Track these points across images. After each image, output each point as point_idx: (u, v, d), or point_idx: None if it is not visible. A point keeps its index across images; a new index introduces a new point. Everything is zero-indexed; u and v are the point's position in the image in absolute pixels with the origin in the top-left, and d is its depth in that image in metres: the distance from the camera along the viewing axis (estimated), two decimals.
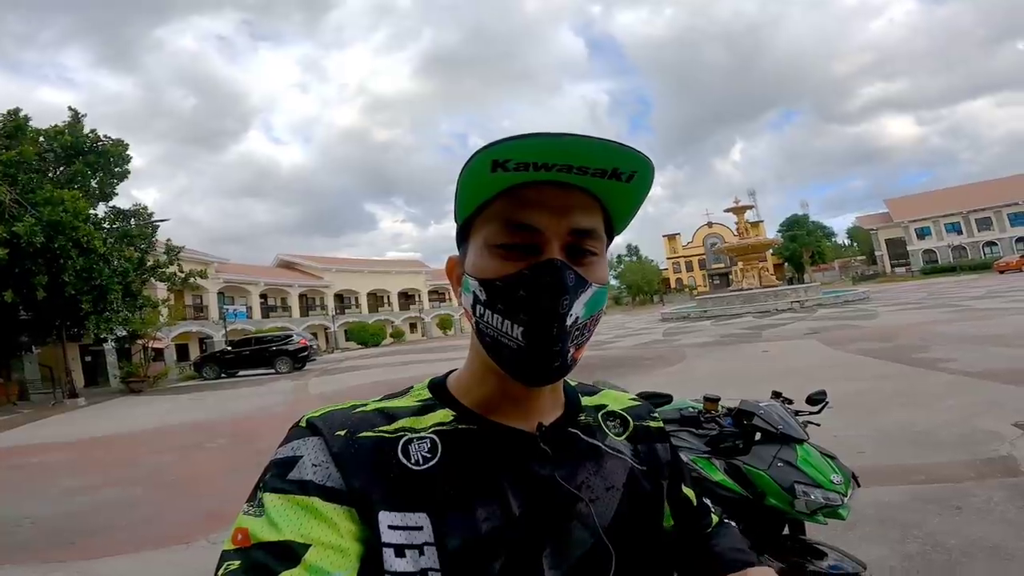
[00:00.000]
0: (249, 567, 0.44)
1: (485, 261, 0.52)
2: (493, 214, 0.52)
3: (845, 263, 65.51)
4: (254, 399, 13.17)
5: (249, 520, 0.47)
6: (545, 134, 0.45)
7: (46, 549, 4.10)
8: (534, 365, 0.51)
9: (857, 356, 9.07)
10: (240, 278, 38.41)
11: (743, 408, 2.06)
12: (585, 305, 0.52)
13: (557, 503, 0.54)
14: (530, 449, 0.56)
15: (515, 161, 0.47)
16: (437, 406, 0.58)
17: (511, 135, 0.47)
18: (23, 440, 9.90)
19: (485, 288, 0.52)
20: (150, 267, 19.04)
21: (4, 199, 14.08)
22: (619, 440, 0.64)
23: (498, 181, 0.49)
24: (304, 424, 0.55)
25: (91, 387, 22.37)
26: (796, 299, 23.75)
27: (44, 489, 5.98)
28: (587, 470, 0.58)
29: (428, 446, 0.54)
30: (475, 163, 0.48)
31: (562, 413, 0.62)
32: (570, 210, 0.51)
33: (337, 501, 0.48)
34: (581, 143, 0.46)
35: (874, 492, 3.40)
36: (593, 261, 0.53)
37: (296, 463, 0.50)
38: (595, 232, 0.53)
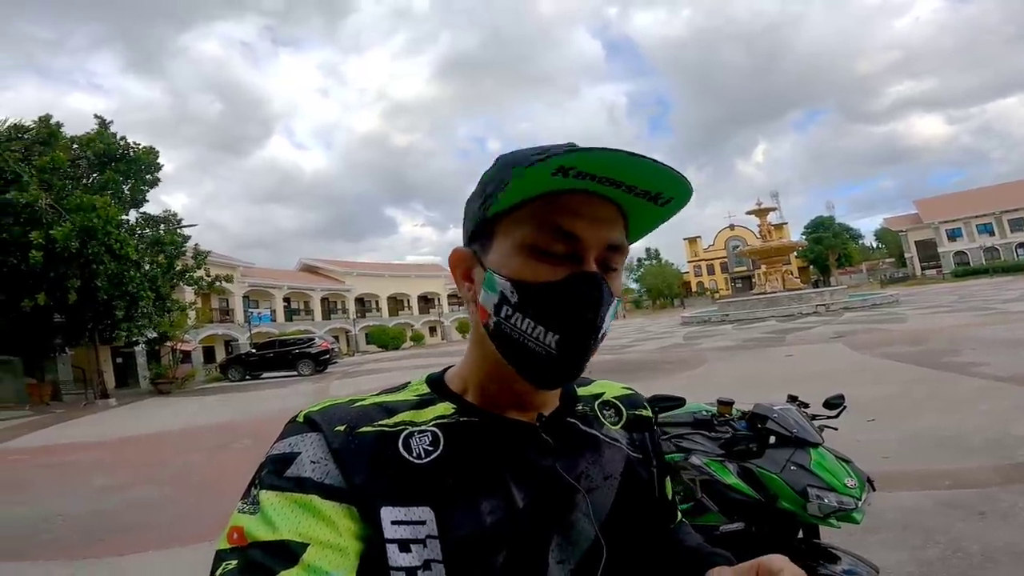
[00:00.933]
0: (246, 567, 0.43)
1: (519, 262, 0.51)
2: (531, 214, 0.51)
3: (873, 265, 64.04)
4: (277, 401, 13.39)
5: (244, 518, 0.47)
6: (620, 151, 0.45)
7: (76, 546, 4.20)
8: (561, 373, 0.52)
9: (884, 360, 8.86)
10: (264, 282, 39.14)
11: (757, 412, 2.04)
12: (610, 317, 0.53)
13: (559, 494, 0.54)
14: (531, 440, 0.56)
15: (578, 170, 0.47)
16: (437, 400, 0.58)
17: (574, 147, 0.46)
18: (56, 439, 10.19)
19: (518, 290, 0.51)
20: (179, 271, 19.54)
21: (40, 204, 14.59)
22: (615, 429, 0.65)
23: (551, 184, 0.48)
24: (302, 419, 0.54)
25: (121, 388, 22.95)
26: (821, 302, 23.27)
27: (76, 487, 6.13)
28: (586, 459, 0.59)
29: (430, 439, 0.54)
30: (542, 166, 0.46)
31: (560, 404, 0.62)
32: (606, 223, 0.51)
33: (336, 499, 0.48)
34: (641, 164, 0.47)
35: (897, 497, 3.34)
36: (615, 275, 0.54)
37: (294, 460, 0.49)
38: (624, 248, 0.54)
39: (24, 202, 14.37)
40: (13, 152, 14.92)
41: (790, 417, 1.98)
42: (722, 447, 2.04)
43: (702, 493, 2.00)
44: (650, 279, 68.05)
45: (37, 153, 15.81)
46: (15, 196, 14.41)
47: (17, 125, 16.75)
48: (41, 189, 14.78)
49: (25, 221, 14.64)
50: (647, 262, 73.01)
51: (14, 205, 14.47)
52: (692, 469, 2.06)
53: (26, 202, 14.37)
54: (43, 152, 15.84)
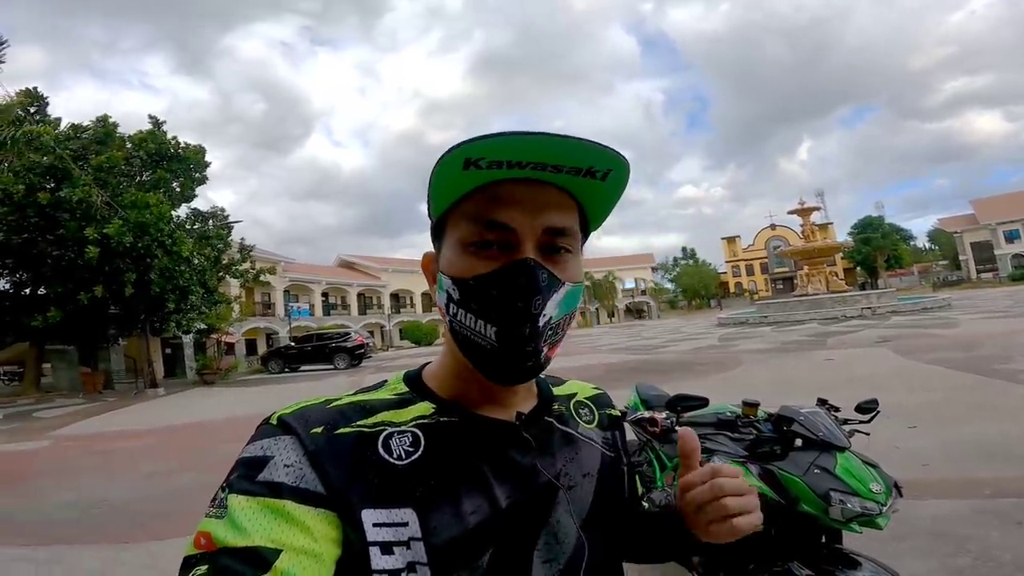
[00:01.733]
0: (216, 572, 0.42)
1: (459, 259, 0.52)
2: (467, 212, 0.51)
3: (925, 268, 61.17)
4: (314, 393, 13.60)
5: (212, 523, 0.45)
6: (517, 132, 0.45)
7: (118, 531, 4.32)
8: (507, 365, 0.51)
9: (931, 366, 8.48)
10: (304, 277, 40.21)
11: (783, 414, 2.01)
12: (559, 304, 0.51)
13: (540, 492, 0.55)
14: (511, 439, 0.56)
15: (488, 159, 0.47)
16: (416, 399, 0.57)
17: (483, 133, 0.46)
18: (106, 427, 10.59)
19: (458, 287, 0.52)
20: (225, 264, 20.31)
21: (96, 201, 15.38)
22: (590, 428, 0.66)
23: (471, 179, 0.49)
24: (275, 422, 0.52)
25: (169, 378, 23.94)
26: (867, 305, 22.41)
27: (123, 474, 6.33)
28: (565, 457, 0.59)
29: (410, 440, 0.53)
30: (447, 160, 0.47)
31: (537, 403, 0.62)
32: (544, 208, 0.50)
33: (312, 504, 0.46)
34: (554, 142, 0.46)
35: (933, 505, 3.24)
36: (567, 259, 0.53)
37: (266, 464, 0.48)
38: (569, 230, 0.52)
39: (78, 199, 15.14)
40: (69, 151, 15.72)
41: (817, 420, 1.94)
42: (745, 449, 2.02)
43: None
44: (686, 279, 66.74)
45: (94, 152, 16.64)
46: (68, 193, 15.20)
47: (75, 125, 17.69)
48: (96, 186, 15.56)
49: (80, 217, 15.43)
50: (683, 261, 71.72)
51: (69, 202, 15.26)
52: None
53: (79, 199, 15.13)
54: (99, 151, 16.67)
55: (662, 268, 70.90)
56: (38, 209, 15.38)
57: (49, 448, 8.54)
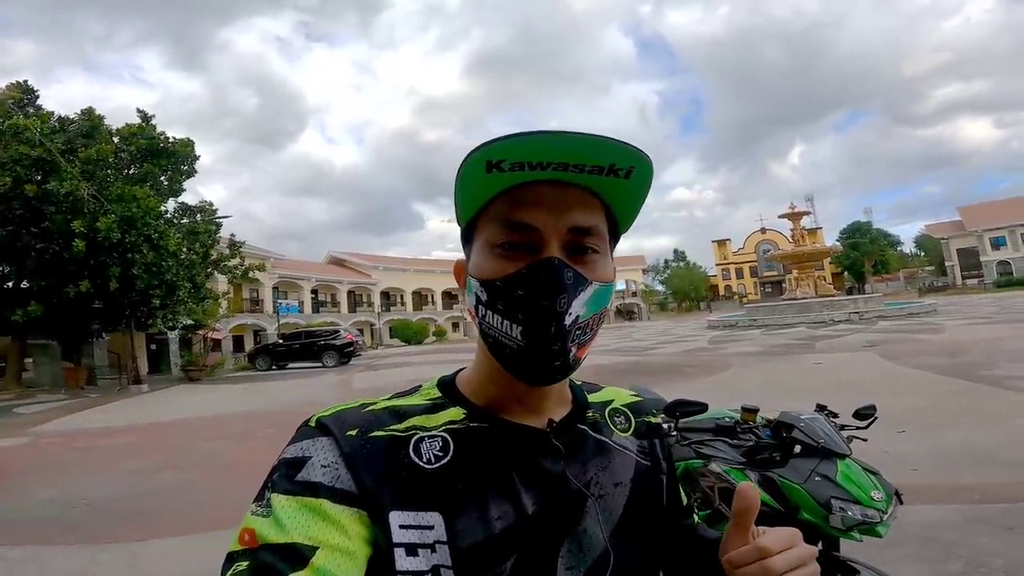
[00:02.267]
0: (257, 568, 0.44)
1: (486, 261, 0.52)
2: (493, 215, 0.52)
3: (911, 273, 61.98)
4: (302, 391, 13.64)
5: (256, 521, 0.47)
6: (538, 132, 0.45)
7: (97, 530, 4.24)
8: (535, 365, 0.51)
9: (918, 371, 8.58)
10: (294, 274, 39.91)
11: (783, 420, 1.99)
12: (586, 304, 0.51)
13: (569, 500, 0.55)
14: (541, 446, 0.56)
15: (510, 161, 0.47)
16: (448, 404, 0.58)
17: (505, 134, 0.46)
18: (89, 424, 10.45)
19: (486, 288, 0.52)
20: (214, 260, 20.07)
21: (83, 195, 15.14)
22: (625, 436, 0.64)
23: (494, 182, 0.50)
24: (314, 424, 0.54)
25: (154, 374, 23.62)
26: (855, 310, 22.70)
27: (104, 472, 6.23)
28: (596, 466, 0.59)
29: (440, 444, 0.54)
30: (470, 164, 0.48)
31: (570, 410, 0.62)
32: (568, 208, 0.51)
33: (347, 503, 0.48)
34: (575, 140, 0.46)
35: (923, 510, 3.25)
36: (594, 259, 0.53)
37: (305, 464, 0.50)
38: (595, 229, 0.52)
39: (65, 192, 14.92)
40: (56, 144, 15.47)
41: (817, 427, 1.92)
42: (744, 455, 2.00)
43: (720, 501, 1.95)
44: (676, 281, 67.15)
45: (81, 145, 16.39)
46: (55, 186, 14.97)
47: (62, 118, 17.40)
48: (83, 180, 15.32)
49: (67, 210, 15.21)
50: (674, 263, 72.11)
51: (55, 195, 15.02)
52: (711, 476, 2.02)
53: (67, 191, 14.92)
54: (86, 144, 16.42)
55: (653, 270, 71.29)
56: (24, 202, 15.14)
57: (29, 445, 8.41)
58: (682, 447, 2.16)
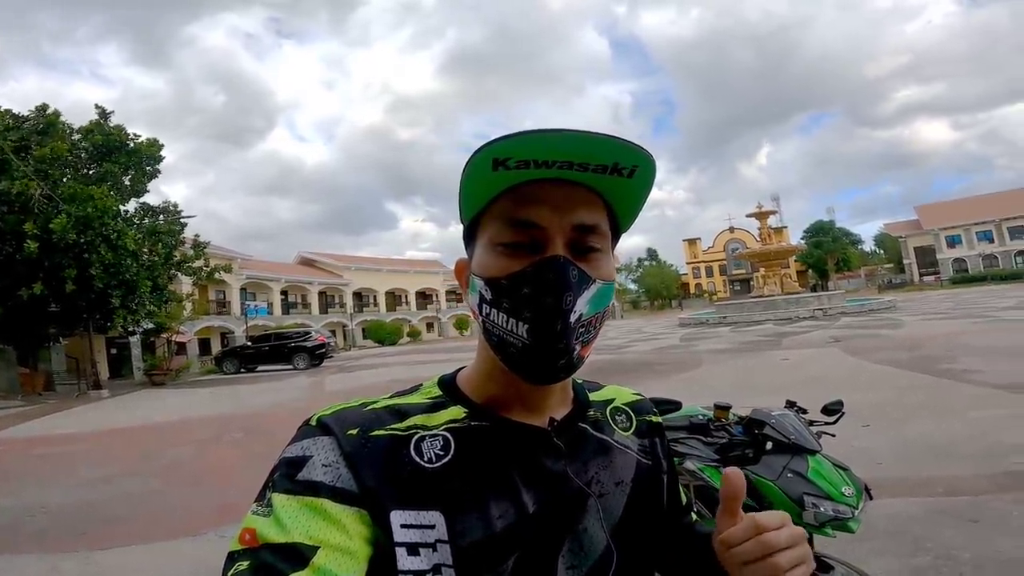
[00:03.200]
0: (257, 568, 0.43)
1: (490, 260, 0.53)
2: (497, 213, 0.52)
3: (872, 271, 64.14)
4: (272, 394, 13.36)
5: (257, 520, 0.47)
6: (545, 130, 0.45)
7: (57, 539, 4.14)
8: (540, 363, 0.51)
9: (880, 366, 8.87)
10: (262, 275, 39.04)
11: (754, 417, 2.01)
12: (590, 302, 0.51)
13: (570, 499, 0.55)
14: (543, 444, 0.56)
15: (516, 159, 0.47)
16: (449, 403, 0.58)
17: (511, 132, 0.47)
18: (46, 430, 10.15)
19: (490, 287, 0.52)
20: (177, 262, 19.49)
21: (34, 194, 14.51)
22: (626, 435, 0.64)
23: (500, 180, 0.50)
24: (315, 423, 0.54)
25: (115, 379, 22.93)
26: (819, 307, 23.39)
27: (63, 479, 6.08)
28: (597, 465, 0.59)
29: (441, 444, 0.54)
30: (476, 161, 0.48)
31: (572, 409, 0.62)
32: (572, 206, 0.51)
33: (348, 503, 0.48)
34: (581, 139, 0.46)
35: (889, 504, 3.33)
36: (598, 257, 0.53)
37: (306, 463, 0.50)
38: (598, 228, 0.53)
39: (16, 191, 14.30)
40: (8, 142, 14.79)
41: (788, 423, 1.95)
42: (718, 452, 2.02)
43: (695, 499, 1.97)
44: (649, 280, 68.14)
45: (35, 143, 15.72)
46: (6, 186, 14.35)
47: (15, 115, 16.64)
48: (38, 179, 14.70)
49: (19, 210, 14.57)
50: (646, 262, 73.09)
51: (7, 194, 14.39)
52: (686, 474, 2.04)
53: (18, 191, 14.30)
54: (41, 142, 15.76)
55: (626, 269, 72.12)
56: None
57: None
58: None
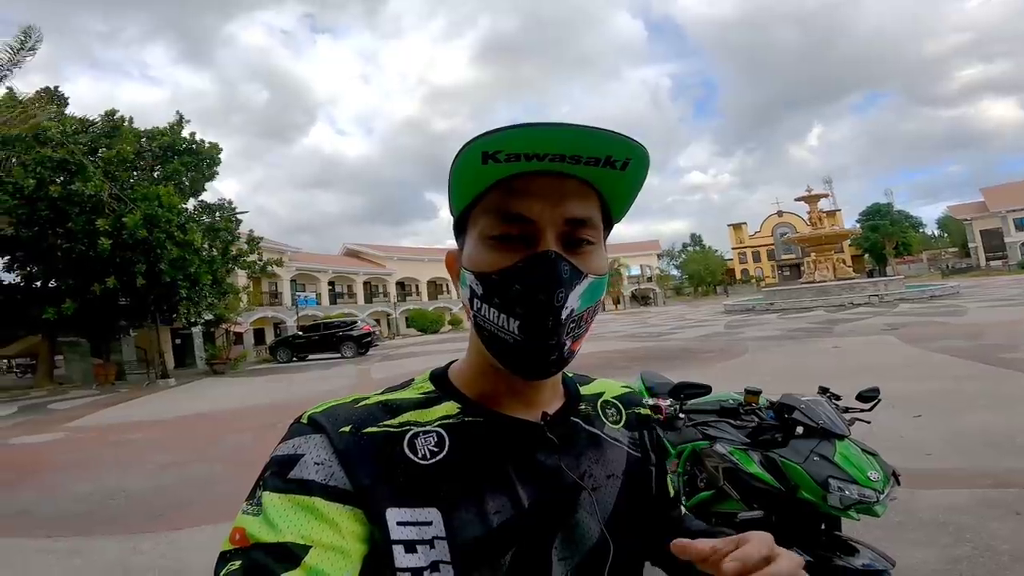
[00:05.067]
0: (248, 568, 0.43)
1: (480, 254, 0.52)
2: (487, 206, 0.52)
3: (934, 255, 60.60)
4: (322, 382, 13.87)
5: (248, 520, 0.47)
6: (534, 124, 0.45)
7: (136, 521, 4.39)
8: (531, 359, 0.51)
9: (938, 355, 8.47)
10: (311, 266, 40.36)
11: (784, 402, 2.04)
12: (581, 297, 0.51)
13: (564, 493, 0.55)
14: (536, 439, 0.56)
15: (506, 152, 0.46)
16: (442, 398, 0.58)
17: (500, 126, 0.46)
18: (121, 418, 10.67)
19: (481, 282, 0.52)
20: (234, 256, 20.43)
21: (104, 195, 15.50)
22: (616, 428, 0.65)
23: (490, 173, 0.49)
24: (306, 421, 0.53)
25: (180, 368, 24.10)
26: (875, 293, 22.35)
27: (138, 464, 6.41)
28: (589, 459, 0.59)
29: (435, 440, 0.53)
30: (466, 154, 0.47)
31: (563, 403, 0.62)
32: (564, 199, 0.50)
33: (340, 501, 0.48)
34: (572, 132, 0.46)
35: (934, 495, 3.27)
36: (589, 250, 0.52)
37: (297, 461, 0.49)
38: (591, 221, 0.52)
39: (89, 193, 15.30)
40: (79, 145, 15.81)
41: (818, 409, 1.97)
42: (747, 436, 2.06)
43: (724, 480, 2.03)
44: (692, 266, 66.49)
45: (103, 146, 16.75)
46: (79, 187, 15.35)
47: (83, 119, 17.76)
48: (106, 180, 15.68)
49: (90, 210, 15.59)
50: (690, 248, 71.40)
51: (80, 195, 15.40)
52: (716, 457, 2.09)
53: (91, 193, 15.30)
54: (109, 145, 16.78)
55: (668, 255, 70.68)
56: (49, 203, 15.52)
57: (64, 440, 8.64)
58: (688, 428, 2.24)
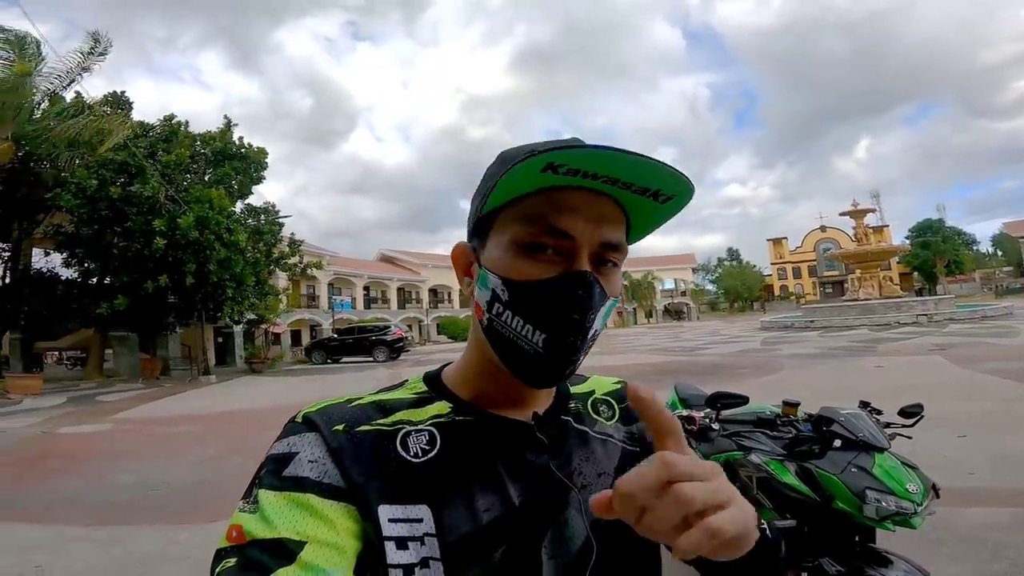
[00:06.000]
0: (244, 564, 0.44)
1: (511, 260, 0.51)
2: (523, 211, 0.51)
3: (987, 274, 57.74)
4: (355, 384, 14.16)
5: (244, 517, 0.47)
6: (605, 147, 0.45)
7: (175, 512, 4.53)
8: (548, 372, 0.52)
9: (987, 376, 8.15)
10: (347, 271, 41.22)
11: (823, 414, 2.03)
12: (602, 317, 0.52)
13: (553, 491, 0.55)
14: (526, 439, 0.57)
15: (569, 167, 0.47)
16: (434, 399, 0.58)
17: (570, 143, 0.47)
18: (165, 411, 11.07)
19: (508, 288, 0.51)
20: (276, 258, 21.15)
21: (160, 196, 16.29)
22: (610, 424, 0.65)
23: (542, 181, 0.49)
24: (300, 419, 0.54)
25: (220, 366, 24.84)
26: (923, 312, 21.44)
27: (179, 457, 6.60)
28: (579, 457, 0.59)
29: (427, 438, 0.54)
30: (531, 162, 0.47)
31: (553, 402, 0.62)
32: (602, 220, 0.51)
33: (334, 498, 0.48)
34: (633, 161, 0.46)
35: (974, 513, 3.21)
36: (613, 273, 0.53)
37: (292, 459, 0.50)
38: (621, 246, 0.53)
39: (147, 194, 16.13)
40: (140, 149, 16.69)
41: (858, 422, 1.95)
42: (784, 447, 2.05)
43: (757, 490, 2.02)
44: (728, 280, 65.05)
45: (161, 150, 17.65)
46: (139, 189, 16.19)
47: (143, 124, 18.71)
48: (162, 182, 16.50)
49: (147, 211, 16.40)
50: (726, 262, 69.98)
51: (138, 196, 16.24)
52: (750, 466, 2.08)
53: (149, 194, 16.12)
54: (166, 149, 17.68)
55: (703, 269, 69.43)
56: (109, 203, 16.39)
57: (111, 431, 8.94)
58: (721, 439, 2.23)
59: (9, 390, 14.54)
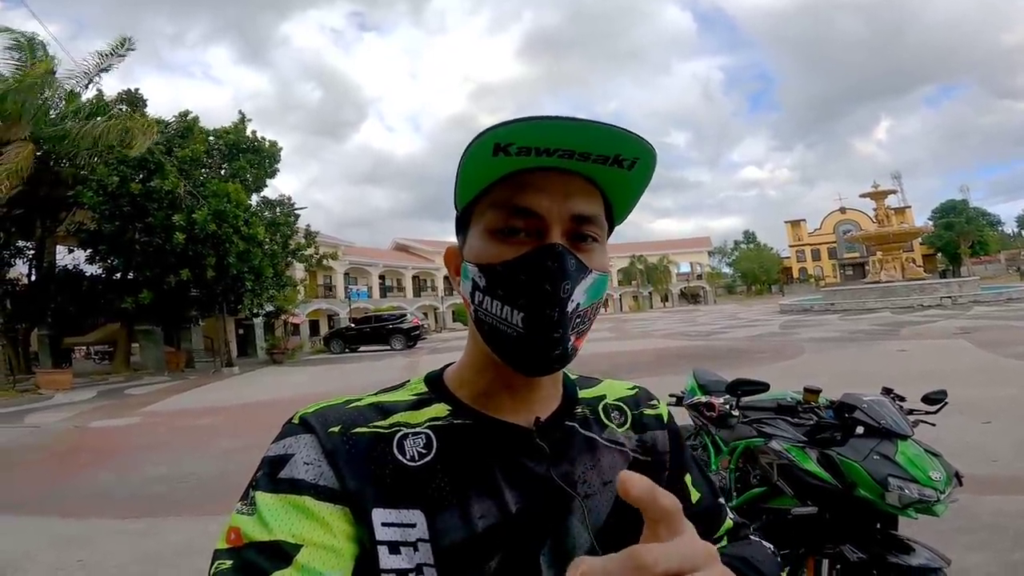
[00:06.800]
0: (240, 567, 0.44)
1: (485, 247, 0.51)
2: (494, 200, 0.51)
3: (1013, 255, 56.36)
4: (373, 373, 14.34)
5: (242, 519, 0.47)
6: (549, 117, 0.45)
7: (205, 503, 4.56)
8: (534, 353, 0.50)
9: (1013, 360, 7.99)
10: (362, 260, 41.51)
11: (845, 401, 2.02)
12: (586, 292, 0.51)
13: (554, 499, 0.54)
14: (526, 445, 0.55)
15: (517, 145, 0.46)
16: (433, 400, 0.57)
17: (514, 117, 0.46)
18: (191, 404, 11.29)
19: (484, 273, 0.51)
20: (292, 249, 21.42)
21: (179, 191, 16.54)
22: (620, 432, 0.63)
23: (499, 166, 0.49)
24: (297, 421, 0.54)
25: (242, 357, 25.17)
26: (947, 294, 21.01)
27: (206, 449, 6.69)
28: (584, 464, 0.57)
29: (423, 442, 0.53)
30: (477, 146, 0.47)
31: (559, 406, 0.60)
32: (571, 195, 0.50)
33: (330, 500, 0.48)
34: (583, 127, 0.45)
35: (996, 500, 3.19)
36: (594, 247, 0.52)
37: (288, 461, 0.50)
38: (596, 218, 0.52)
39: (167, 190, 16.41)
40: (158, 145, 16.93)
41: (881, 408, 1.94)
42: (805, 434, 2.05)
43: (778, 477, 2.03)
44: (745, 263, 64.24)
45: (177, 145, 17.90)
46: (158, 184, 16.47)
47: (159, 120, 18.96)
48: (180, 177, 16.76)
49: (167, 206, 16.70)
50: (743, 245, 69.09)
51: (158, 192, 16.53)
52: (771, 453, 2.09)
53: (168, 190, 16.41)
54: (183, 144, 17.92)
55: (720, 252, 68.66)
56: (130, 199, 16.69)
57: (139, 424, 9.17)
58: (742, 426, 2.24)
59: (40, 385, 15.00)
